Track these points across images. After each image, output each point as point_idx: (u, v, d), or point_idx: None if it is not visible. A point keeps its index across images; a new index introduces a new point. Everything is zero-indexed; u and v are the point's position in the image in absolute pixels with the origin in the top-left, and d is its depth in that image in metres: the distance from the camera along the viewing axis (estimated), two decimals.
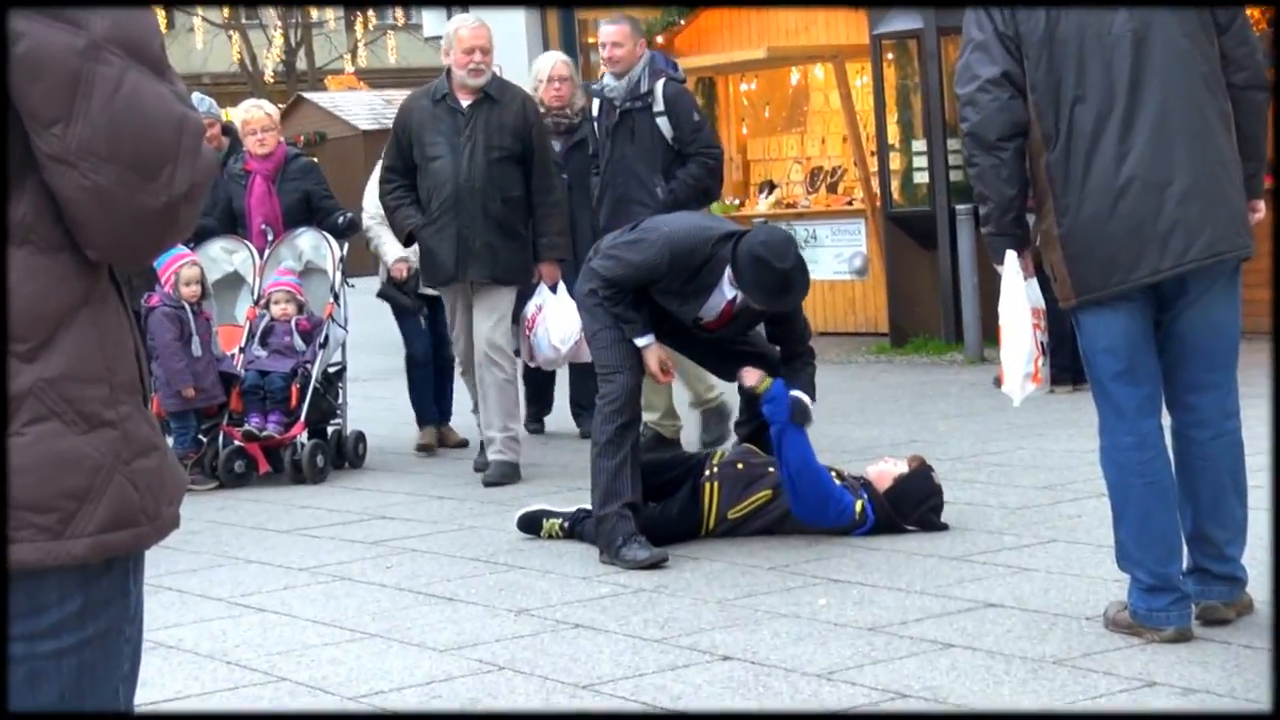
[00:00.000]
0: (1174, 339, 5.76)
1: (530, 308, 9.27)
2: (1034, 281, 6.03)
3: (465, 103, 9.00)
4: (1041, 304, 6.10)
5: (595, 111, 9.88)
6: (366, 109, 34.66)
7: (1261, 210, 5.89)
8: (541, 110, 9.97)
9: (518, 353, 9.76)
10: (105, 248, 2.39)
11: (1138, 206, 5.56)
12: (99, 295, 2.41)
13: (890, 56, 15.10)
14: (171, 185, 2.34)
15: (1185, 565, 5.81)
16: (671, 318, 7.94)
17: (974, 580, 6.79)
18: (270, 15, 36.15)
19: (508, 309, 9.30)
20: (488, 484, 9.43)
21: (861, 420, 11.10)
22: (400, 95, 34.37)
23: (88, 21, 2.27)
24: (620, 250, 7.82)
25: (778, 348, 8.21)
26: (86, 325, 2.38)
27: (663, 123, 9.52)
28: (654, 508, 7.74)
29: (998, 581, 6.76)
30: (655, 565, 7.33)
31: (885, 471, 7.77)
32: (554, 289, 9.25)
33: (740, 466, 7.85)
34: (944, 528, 7.66)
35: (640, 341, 7.72)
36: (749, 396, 7.80)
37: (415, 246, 9.72)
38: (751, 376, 7.71)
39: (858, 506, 7.61)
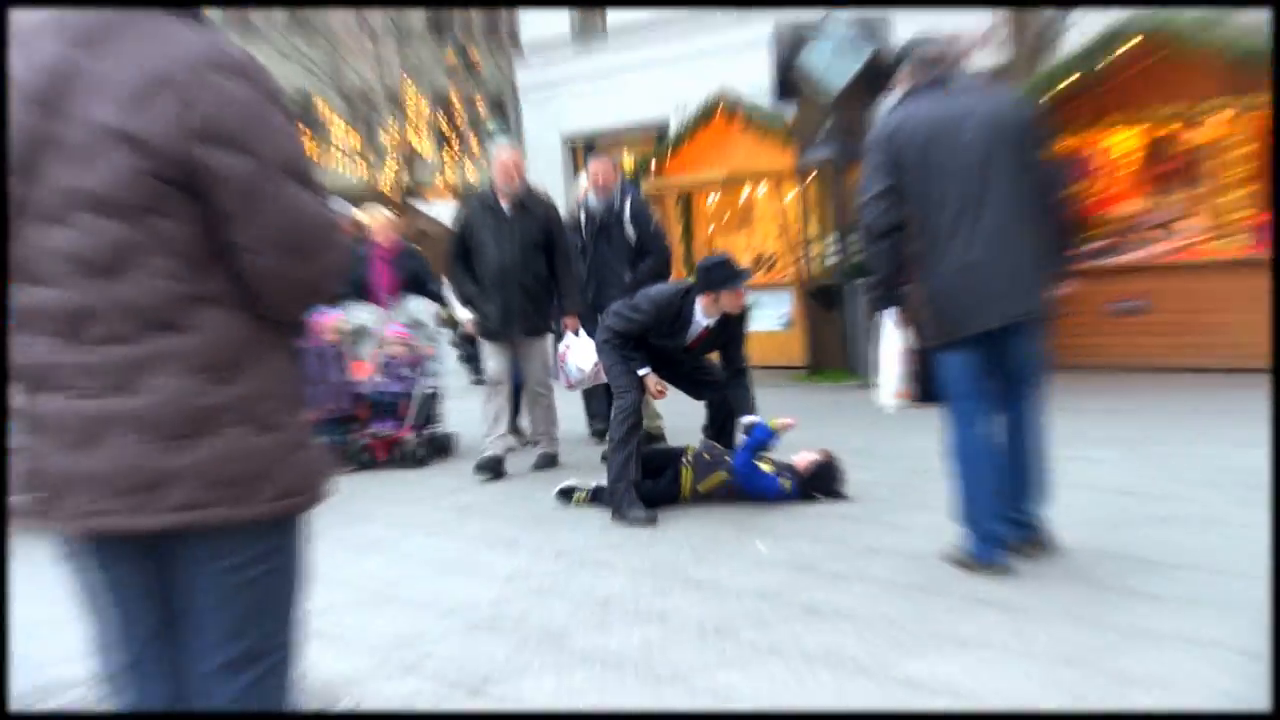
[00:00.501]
0: (1002, 367, 5.86)
1: (560, 347, 9.19)
2: (905, 330, 6.16)
3: (506, 206, 8.83)
4: (909, 344, 6.23)
5: (583, 220, 9.65)
6: (452, 212, 33.65)
7: (1073, 285, 5.95)
8: (589, 202, 9.72)
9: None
10: (273, 309, 2.40)
11: (977, 281, 5.68)
12: (271, 340, 2.43)
13: (810, 178, 15.00)
14: (318, 266, 2.38)
15: (1004, 520, 5.94)
16: (663, 352, 8.05)
17: (868, 533, 6.83)
18: (387, 148, 35.90)
19: (544, 354, 9.18)
20: (537, 468, 9.34)
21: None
22: None
23: (259, 149, 2.27)
24: (625, 312, 7.97)
25: (725, 367, 8.33)
26: (262, 361, 2.41)
27: (629, 228, 9.42)
28: (649, 483, 7.79)
29: (883, 533, 6.80)
30: (649, 522, 7.39)
31: (805, 459, 7.82)
32: (576, 333, 9.16)
33: (706, 456, 7.92)
34: (846, 498, 7.70)
35: (640, 372, 7.90)
36: (745, 427, 7.94)
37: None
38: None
39: (785, 484, 7.66)
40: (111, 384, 2.32)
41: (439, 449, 10.50)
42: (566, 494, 8.18)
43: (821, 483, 7.76)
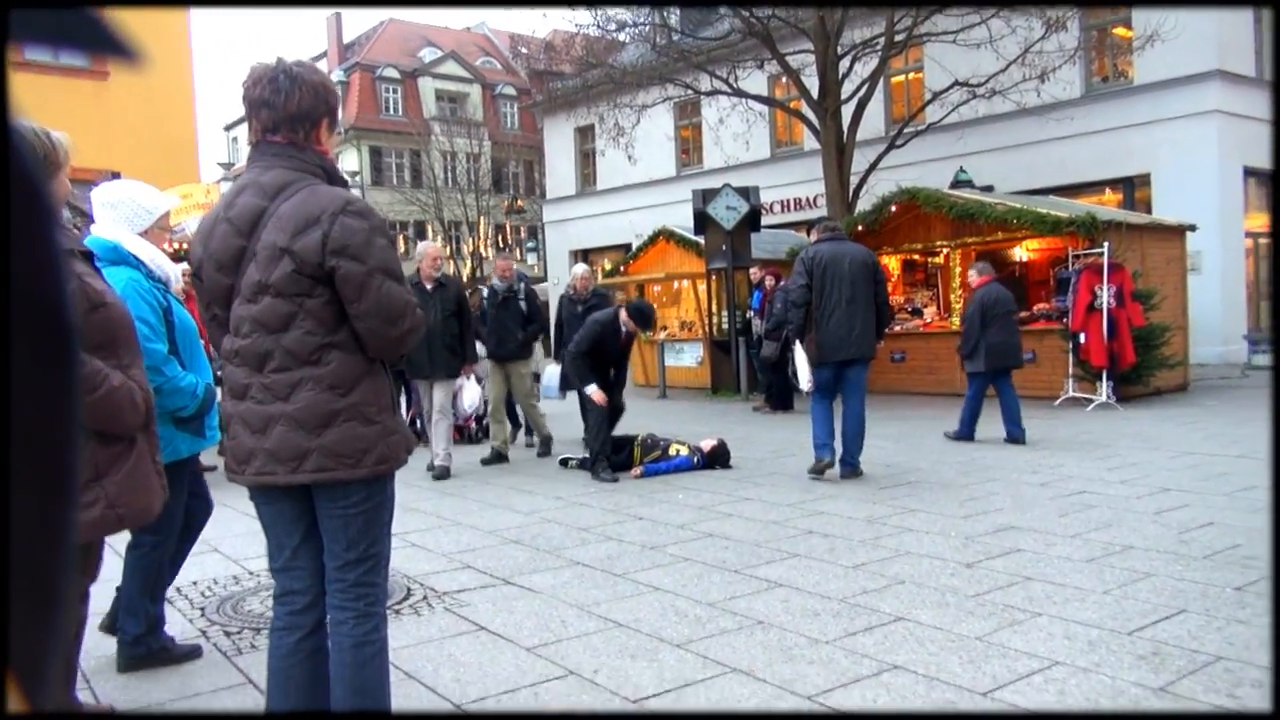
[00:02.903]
0: (844, 377, 6.89)
1: (457, 385, 8.21)
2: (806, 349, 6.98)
3: (429, 286, 7.79)
4: (806, 357, 6.99)
5: (486, 295, 8.78)
6: None
7: (881, 342, 7.05)
8: (571, 293, 9.28)
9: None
10: (375, 352, 2.36)
11: (841, 336, 6.79)
12: (374, 370, 2.37)
13: (714, 276, 14.99)
14: (401, 329, 2.34)
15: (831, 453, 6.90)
16: (611, 354, 7.66)
17: (743, 488, 6.74)
18: (466, 254, 35.98)
19: (449, 389, 7.94)
20: (485, 462, 8.45)
21: (699, 423, 10.97)
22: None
23: (367, 259, 2.27)
24: (583, 332, 7.64)
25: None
26: (368, 382, 2.35)
27: (523, 304, 8.73)
28: (615, 456, 7.68)
29: (753, 489, 6.72)
30: (612, 481, 7.28)
31: (707, 443, 7.73)
32: (469, 378, 8.35)
33: (649, 440, 7.80)
34: (730, 467, 7.62)
35: (589, 389, 7.57)
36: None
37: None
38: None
39: (695, 460, 7.59)
40: (277, 396, 2.33)
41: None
42: (564, 462, 8.09)
43: (717, 458, 7.68)
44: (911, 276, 15.08)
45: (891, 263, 14.47)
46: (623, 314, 7.64)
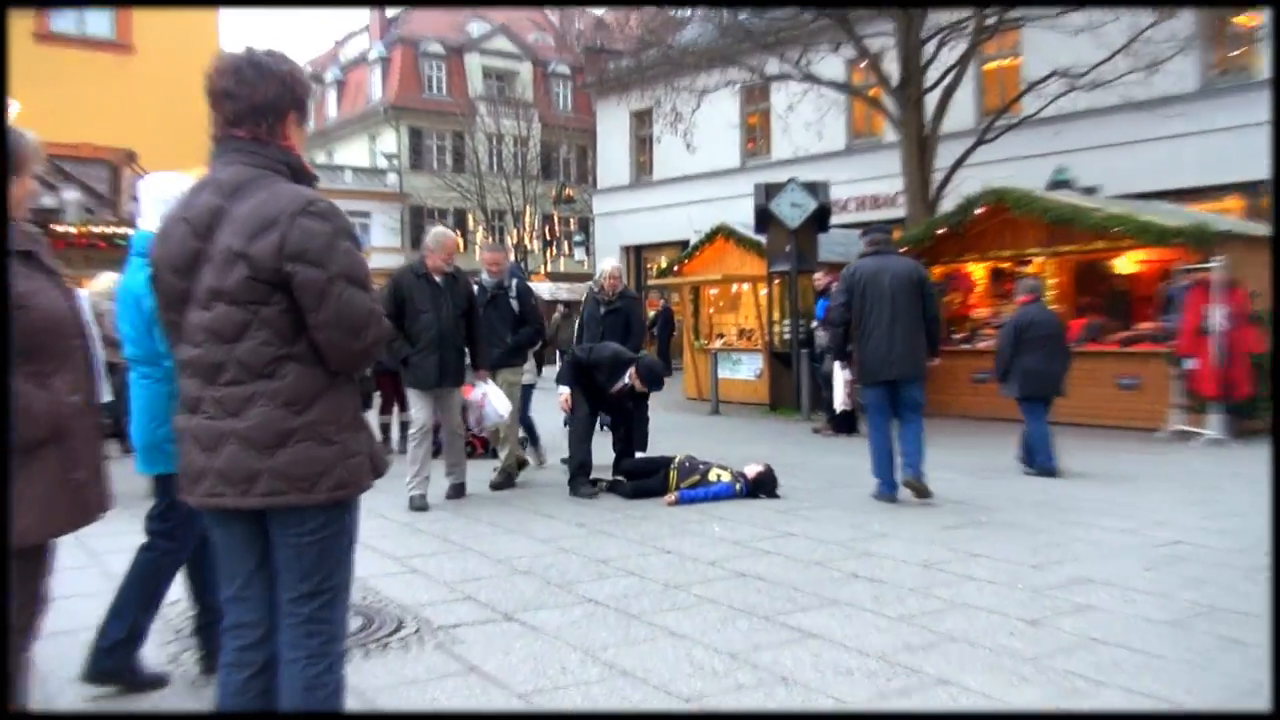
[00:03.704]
0: (898, 398, 7.33)
1: (477, 395, 7.58)
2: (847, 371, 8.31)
3: (438, 279, 7.36)
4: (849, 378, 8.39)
5: (478, 292, 7.98)
6: (548, 290, 33.12)
7: (936, 360, 7.52)
8: (597, 290, 9.06)
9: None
10: (336, 366, 2.38)
11: (882, 355, 7.25)
12: (334, 385, 2.38)
13: (777, 281, 14.89)
14: (365, 341, 2.35)
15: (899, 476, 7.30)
16: (596, 385, 7.89)
17: (787, 521, 6.66)
18: (511, 247, 36.37)
19: (456, 401, 7.56)
20: (447, 498, 7.65)
21: (751, 444, 10.87)
22: (562, 286, 34.08)
23: (328, 264, 2.29)
24: (591, 347, 8.05)
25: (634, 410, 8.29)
26: (328, 398, 2.37)
27: (514, 303, 8.31)
28: (645, 480, 7.69)
29: (798, 521, 6.64)
30: (591, 497, 7.58)
31: (752, 469, 7.63)
32: (486, 381, 7.67)
33: (687, 464, 7.73)
34: (777, 496, 7.53)
35: (561, 389, 7.89)
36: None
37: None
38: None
39: (738, 487, 7.49)
40: (229, 411, 2.35)
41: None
42: (594, 483, 8.04)
43: (762, 486, 7.58)
44: (1000, 287, 14.73)
45: (977, 270, 14.22)
46: (632, 370, 7.83)
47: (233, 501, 2.34)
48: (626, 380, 7.85)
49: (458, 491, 7.67)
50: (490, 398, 7.63)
